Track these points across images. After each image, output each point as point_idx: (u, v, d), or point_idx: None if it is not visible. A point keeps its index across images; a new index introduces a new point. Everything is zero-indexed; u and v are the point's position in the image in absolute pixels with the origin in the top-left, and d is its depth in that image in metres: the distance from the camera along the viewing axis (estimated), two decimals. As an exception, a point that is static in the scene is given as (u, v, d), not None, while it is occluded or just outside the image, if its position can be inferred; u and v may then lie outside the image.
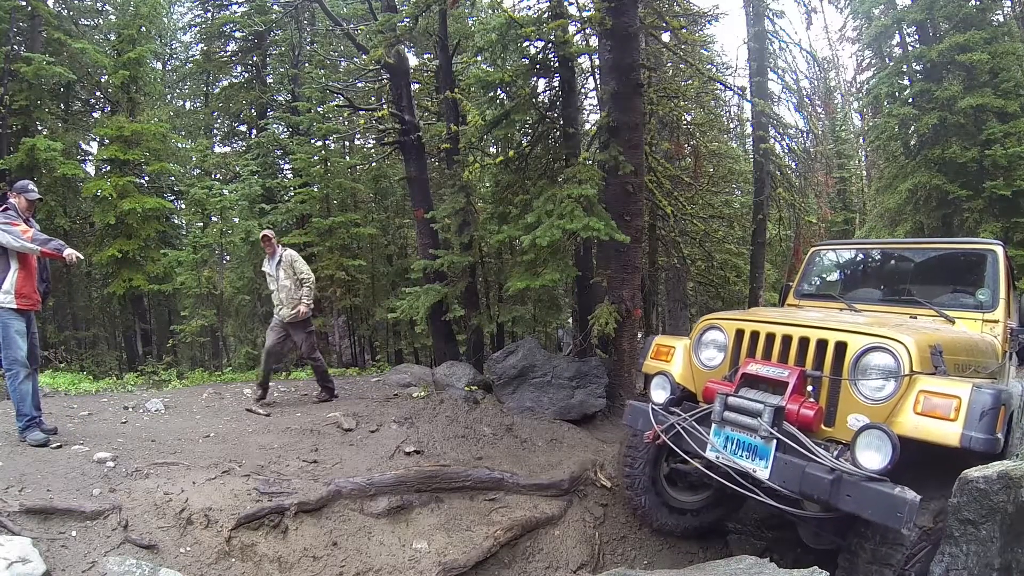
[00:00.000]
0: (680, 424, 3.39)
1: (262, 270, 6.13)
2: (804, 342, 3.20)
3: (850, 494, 2.67)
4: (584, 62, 9.23)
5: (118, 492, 3.31)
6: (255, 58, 14.16)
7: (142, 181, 13.13)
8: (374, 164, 13.68)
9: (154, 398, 5.81)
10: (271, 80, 14.47)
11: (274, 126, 13.35)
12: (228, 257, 11.20)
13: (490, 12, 9.09)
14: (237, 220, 10.73)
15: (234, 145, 15.39)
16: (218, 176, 14.07)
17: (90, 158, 14.21)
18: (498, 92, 6.66)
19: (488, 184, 10.52)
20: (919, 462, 2.81)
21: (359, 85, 13.01)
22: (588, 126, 9.29)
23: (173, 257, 10.69)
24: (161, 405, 5.57)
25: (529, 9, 8.17)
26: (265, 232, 5.85)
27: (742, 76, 11.77)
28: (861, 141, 21.96)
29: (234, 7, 14.17)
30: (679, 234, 9.67)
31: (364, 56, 9.12)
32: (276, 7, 13.51)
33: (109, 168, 12.20)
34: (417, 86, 11.51)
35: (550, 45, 6.66)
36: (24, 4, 11.35)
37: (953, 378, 2.90)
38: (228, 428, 4.99)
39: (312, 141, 12.23)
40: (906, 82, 14.70)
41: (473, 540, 3.99)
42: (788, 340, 3.27)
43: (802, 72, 11.25)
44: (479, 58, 8.40)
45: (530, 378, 6.18)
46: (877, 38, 15.29)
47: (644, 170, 6.77)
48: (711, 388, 3.36)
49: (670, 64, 10.13)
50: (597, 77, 8.81)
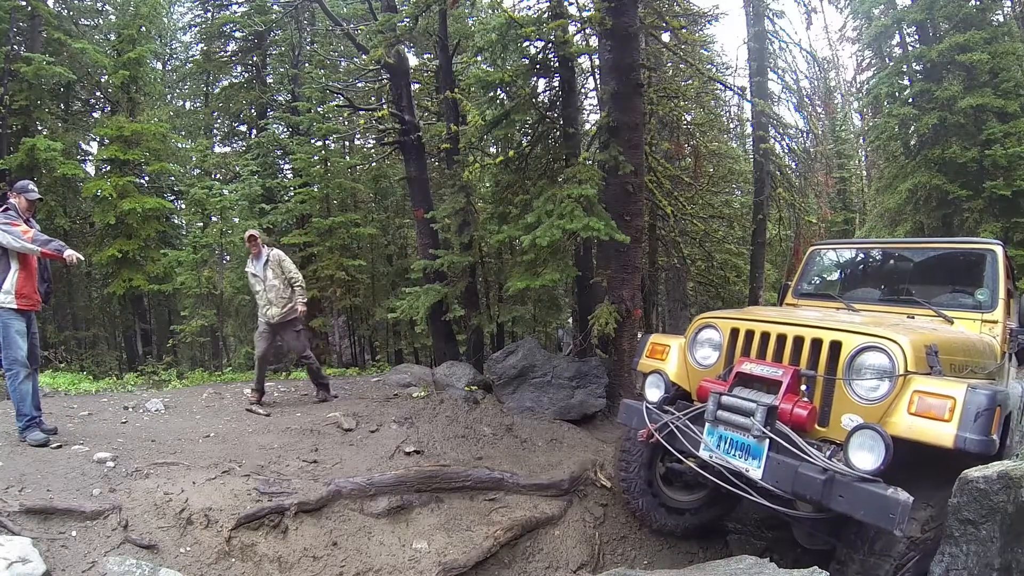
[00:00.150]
0: (673, 423, 3.38)
1: (246, 270, 5.87)
2: (799, 341, 3.19)
3: (842, 495, 2.65)
4: (584, 62, 9.24)
5: (118, 492, 3.31)
6: (255, 58, 14.17)
7: (142, 181, 13.12)
8: (374, 164, 13.70)
9: (154, 398, 5.82)
10: (271, 80, 14.48)
11: (274, 126, 13.35)
12: (228, 257, 11.18)
13: (490, 12, 9.09)
14: (237, 220, 10.73)
15: (234, 145, 15.39)
16: (218, 176, 14.06)
17: (90, 158, 14.21)
18: (498, 92, 6.67)
19: (488, 184, 10.53)
20: (913, 463, 2.78)
21: (359, 85, 13.02)
22: (588, 126, 9.30)
23: (173, 257, 10.68)
24: (161, 405, 5.57)
25: (529, 9, 8.18)
26: (251, 232, 5.64)
27: (742, 76, 11.82)
28: (861, 141, 21.96)
29: (234, 7, 14.17)
30: (679, 234, 9.68)
31: (364, 56, 9.12)
32: (276, 7, 13.50)
33: (109, 168, 12.19)
34: (417, 86, 11.52)
35: (550, 45, 6.67)
36: (24, 4, 11.35)
37: (948, 378, 2.87)
38: (228, 428, 4.99)
39: (312, 141, 12.24)
40: (906, 82, 14.69)
41: (473, 540, 3.99)
42: (783, 339, 3.26)
43: (802, 72, 11.29)
44: (479, 58, 8.40)
45: (530, 378, 6.18)
46: (877, 38, 15.28)
47: (644, 170, 6.77)
48: (705, 387, 3.35)
49: (670, 64, 10.14)
50: (597, 77, 8.82)
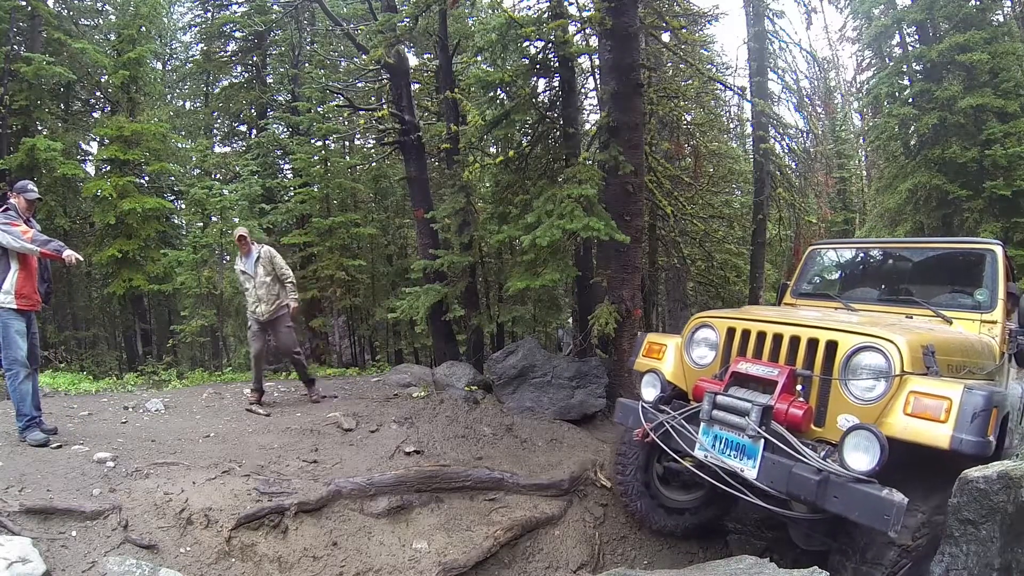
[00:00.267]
0: (669, 422, 3.38)
1: (235, 267, 5.81)
2: (795, 341, 3.18)
3: (837, 495, 2.64)
4: (584, 62, 9.24)
5: (118, 492, 3.31)
6: (255, 58, 14.17)
7: (142, 181, 13.11)
8: (374, 164, 13.69)
9: (154, 398, 5.81)
10: (271, 80, 14.48)
11: (274, 126, 13.36)
12: (228, 257, 11.17)
13: (490, 12, 9.08)
14: (237, 220, 10.70)
15: (234, 145, 15.39)
16: (218, 176, 14.04)
17: (90, 158, 14.19)
18: (498, 92, 6.67)
19: (488, 184, 10.52)
20: (909, 464, 2.77)
21: (359, 85, 13.01)
22: (588, 126, 9.30)
23: (173, 257, 10.67)
24: (161, 405, 5.57)
25: (529, 9, 8.18)
26: (240, 232, 5.62)
27: (742, 76, 11.81)
28: (861, 141, 21.95)
29: (234, 7, 14.18)
30: (679, 234, 9.68)
31: (364, 56, 9.12)
32: (276, 7, 13.51)
33: (109, 168, 12.18)
34: (417, 86, 11.51)
35: (550, 45, 6.67)
36: (24, 4, 11.34)
37: (945, 379, 2.86)
38: (228, 428, 4.99)
39: (312, 141, 12.24)
40: (906, 82, 14.69)
41: (473, 540, 3.99)
42: (779, 339, 3.25)
43: (802, 72, 11.29)
44: (479, 58, 8.40)
45: (530, 378, 6.18)
46: (877, 38, 15.27)
47: (644, 170, 6.77)
48: (701, 387, 3.34)
49: (670, 64, 10.14)
50: (597, 77, 8.82)
